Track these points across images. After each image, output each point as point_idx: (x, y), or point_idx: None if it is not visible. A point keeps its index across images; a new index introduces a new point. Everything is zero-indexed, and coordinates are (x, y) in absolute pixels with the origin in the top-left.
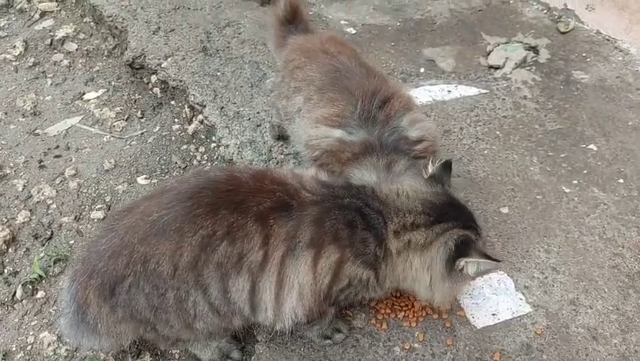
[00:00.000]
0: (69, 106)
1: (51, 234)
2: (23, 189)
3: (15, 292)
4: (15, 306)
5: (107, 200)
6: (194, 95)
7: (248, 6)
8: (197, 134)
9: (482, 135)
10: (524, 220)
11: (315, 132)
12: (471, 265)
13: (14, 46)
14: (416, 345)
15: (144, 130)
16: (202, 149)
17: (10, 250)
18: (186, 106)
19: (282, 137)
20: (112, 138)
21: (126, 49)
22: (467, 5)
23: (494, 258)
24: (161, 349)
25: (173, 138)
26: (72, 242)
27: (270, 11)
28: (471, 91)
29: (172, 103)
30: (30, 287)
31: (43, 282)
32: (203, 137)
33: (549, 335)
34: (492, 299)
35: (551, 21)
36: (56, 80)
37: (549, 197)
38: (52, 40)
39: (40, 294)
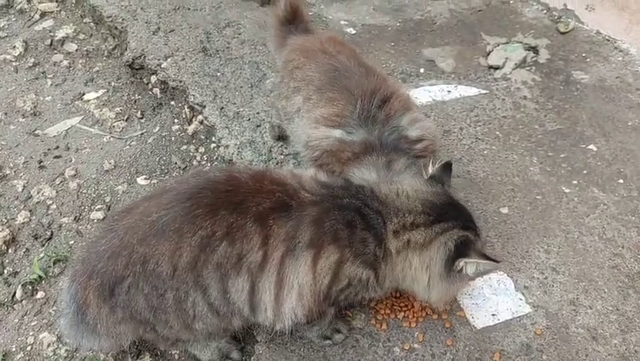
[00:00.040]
0: (69, 106)
1: (51, 234)
2: (23, 189)
3: (15, 292)
4: (15, 306)
5: (107, 200)
6: (194, 95)
7: (248, 6)
8: (196, 134)
9: (482, 135)
10: (524, 220)
11: (315, 133)
12: (470, 266)
13: (14, 46)
14: (416, 345)
15: (144, 130)
16: (202, 149)
17: (9, 251)
18: (186, 106)
19: (282, 137)
20: (112, 139)
21: (126, 49)
22: (467, 5)
23: (493, 259)
24: (160, 349)
25: (172, 139)
26: (72, 242)
27: (271, 12)
28: (471, 91)
29: (172, 103)
30: (30, 288)
31: (42, 282)
32: (202, 137)
33: (549, 336)
34: (492, 300)
35: (551, 21)
36: (56, 81)
37: (549, 197)
38: (52, 40)
39: (39, 294)
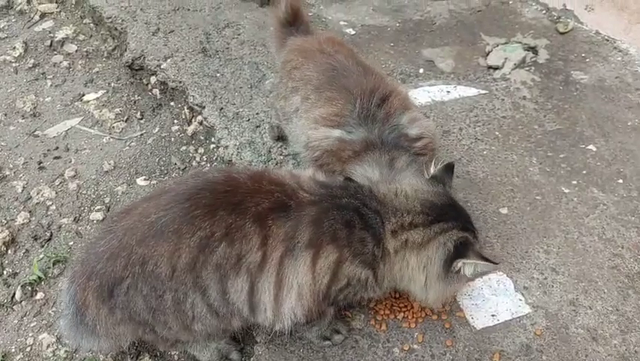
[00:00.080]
0: (69, 107)
1: (50, 235)
2: (23, 190)
3: (14, 293)
4: (14, 307)
5: (107, 201)
6: (193, 96)
7: (247, 7)
8: (196, 135)
9: (481, 136)
10: (524, 221)
11: (315, 134)
12: (468, 267)
13: (14, 47)
14: (415, 346)
15: (144, 131)
16: (201, 150)
17: (9, 252)
18: (186, 107)
19: (282, 138)
20: (111, 139)
21: (126, 50)
22: (466, 6)
23: (492, 260)
24: (160, 350)
25: (172, 139)
26: (71, 243)
27: (271, 13)
28: (470, 91)
29: (171, 104)
30: (29, 289)
31: (42, 283)
32: (202, 138)
33: (548, 336)
34: (491, 300)
35: (550, 21)
36: (56, 82)
37: (548, 197)
38: (51, 41)
39: (39, 295)
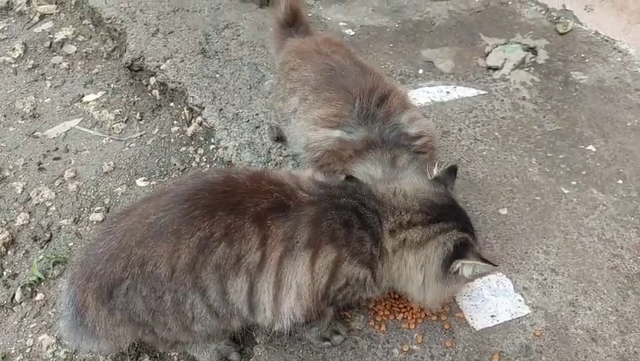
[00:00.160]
0: (68, 108)
1: (50, 236)
2: (22, 191)
3: (14, 294)
4: (14, 308)
5: (106, 202)
6: (193, 97)
7: (247, 8)
8: (196, 136)
9: (481, 136)
10: (523, 221)
11: (315, 135)
12: (467, 268)
13: (13, 48)
14: (415, 347)
15: (143, 132)
16: (201, 151)
17: (9, 253)
18: (185, 108)
19: (281, 138)
20: (111, 140)
21: (125, 51)
22: (466, 6)
23: (491, 262)
24: (159, 351)
25: (172, 140)
26: (71, 244)
27: (271, 14)
28: (469, 92)
29: (171, 105)
30: (29, 290)
31: (42, 284)
32: (202, 139)
33: (548, 337)
34: (491, 301)
35: (550, 22)
36: (55, 83)
37: (548, 198)
38: (51, 42)
39: (39, 296)
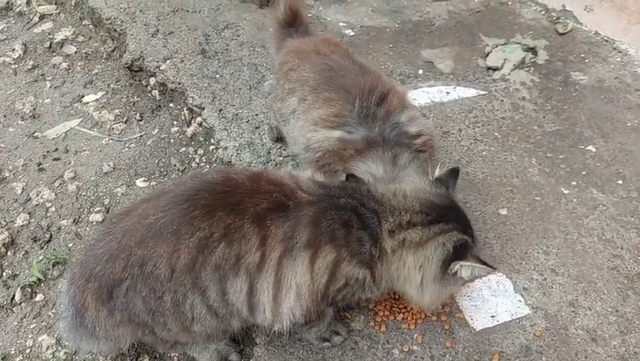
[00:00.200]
0: (68, 109)
1: (50, 237)
2: (22, 192)
3: (14, 295)
4: (14, 309)
5: (106, 203)
6: (192, 97)
7: (246, 8)
8: (195, 136)
9: (481, 137)
10: (523, 222)
11: (315, 136)
12: (465, 269)
13: (13, 49)
14: (415, 347)
15: (143, 133)
16: (201, 151)
17: (9, 253)
18: (185, 108)
19: (281, 139)
20: (111, 141)
21: (125, 51)
22: (465, 7)
23: (490, 265)
24: (159, 352)
25: (171, 141)
26: (71, 245)
27: (271, 14)
28: (469, 92)
29: (171, 105)
30: (29, 290)
31: (42, 285)
32: (201, 139)
33: (548, 337)
34: (491, 301)
35: (550, 22)
36: (55, 83)
37: (548, 198)
38: (51, 43)
39: (39, 297)
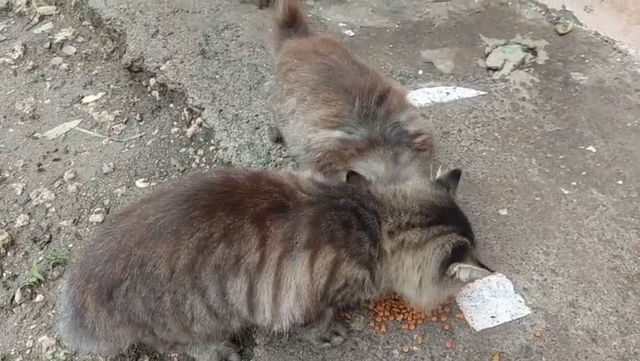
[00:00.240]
0: (68, 109)
1: (50, 237)
2: (22, 192)
3: (14, 295)
4: (14, 310)
5: (106, 203)
6: (192, 98)
7: (246, 9)
8: (195, 137)
9: (481, 137)
10: (523, 222)
11: (316, 137)
12: (464, 272)
13: (13, 49)
14: (415, 348)
15: (143, 133)
16: (201, 152)
17: (9, 254)
18: (185, 109)
19: (281, 139)
20: (111, 142)
21: (125, 52)
22: (465, 7)
23: (488, 268)
24: (159, 352)
25: (171, 141)
26: (71, 246)
27: (270, 15)
28: (469, 93)
29: (171, 106)
30: (29, 291)
31: (41, 286)
32: (201, 140)
33: (548, 338)
34: (491, 302)
35: (550, 22)
36: (55, 84)
37: (548, 199)
38: (51, 43)
39: (38, 298)
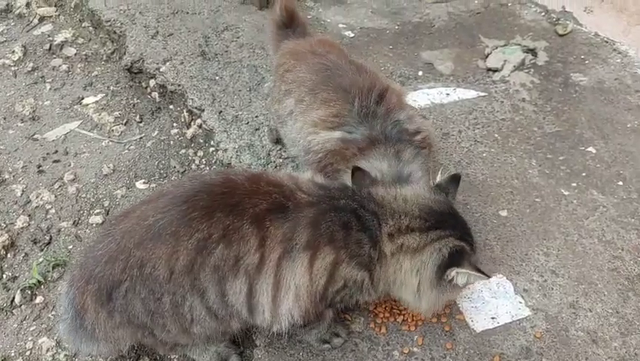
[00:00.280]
0: (68, 111)
1: (50, 239)
2: (22, 194)
3: (14, 297)
4: (14, 311)
5: (106, 205)
6: (192, 99)
7: (246, 10)
8: (195, 138)
9: (481, 138)
10: (523, 223)
11: (316, 138)
12: (461, 276)
13: (13, 51)
14: (415, 349)
15: (143, 134)
16: (200, 153)
17: (8, 256)
18: (185, 110)
19: (280, 141)
20: (110, 143)
21: (125, 53)
22: (465, 8)
23: (486, 273)
24: (159, 354)
25: (171, 143)
26: (71, 247)
27: (268, 16)
28: (469, 94)
29: (170, 107)
30: (29, 292)
31: (41, 287)
32: (201, 141)
33: (549, 339)
34: (491, 303)
35: (549, 23)
36: (55, 85)
37: (548, 200)
38: (50, 45)
39: (38, 299)
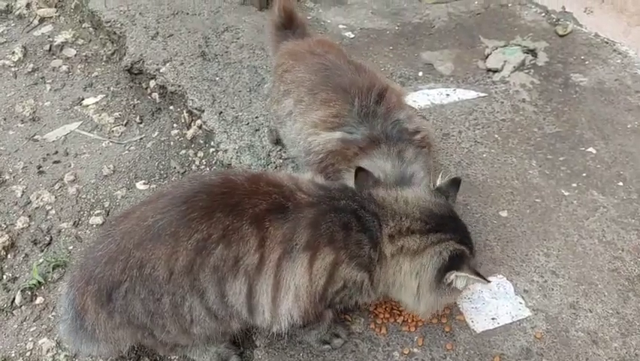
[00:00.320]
0: (68, 112)
1: (50, 240)
2: (22, 194)
3: (14, 298)
4: (14, 312)
5: (106, 205)
6: (192, 100)
7: (246, 11)
8: (195, 139)
9: (481, 139)
10: (523, 224)
11: (317, 139)
12: (460, 280)
13: (13, 52)
14: (415, 350)
15: (143, 135)
16: (201, 154)
17: (9, 256)
18: (185, 111)
19: (280, 141)
20: (111, 144)
21: (125, 54)
22: (465, 9)
23: (485, 278)
24: (159, 354)
25: (171, 143)
26: (71, 248)
27: (267, 17)
28: (469, 94)
29: (171, 108)
30: (29, 293)
31: (42, 288)
32: (201, 142)
33: (549, 339)
34: (491, 303)
35: (550, 24)
36: (55, 86)
37: (548, 200)
38: (51, 45)
39: (39, 300)
